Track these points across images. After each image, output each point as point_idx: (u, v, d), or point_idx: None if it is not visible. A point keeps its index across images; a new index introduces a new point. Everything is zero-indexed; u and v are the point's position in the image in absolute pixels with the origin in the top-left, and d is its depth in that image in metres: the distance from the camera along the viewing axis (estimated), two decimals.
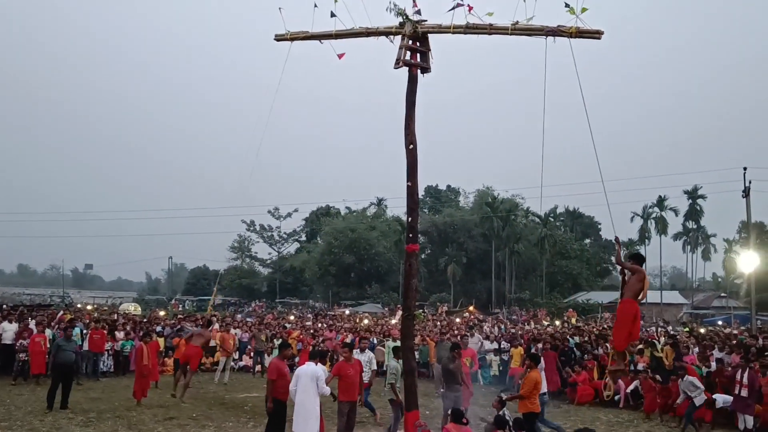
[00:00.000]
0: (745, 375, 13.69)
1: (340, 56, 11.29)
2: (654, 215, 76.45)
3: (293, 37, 11.55)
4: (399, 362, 11.81)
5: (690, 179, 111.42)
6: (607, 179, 9.99)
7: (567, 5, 9.41)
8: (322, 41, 11.27)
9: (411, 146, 10.63)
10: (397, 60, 10.58)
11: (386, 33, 10.93)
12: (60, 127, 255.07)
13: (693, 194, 76.47)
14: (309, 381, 10.19)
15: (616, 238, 10.07)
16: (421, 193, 13.66)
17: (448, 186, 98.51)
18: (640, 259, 9.55)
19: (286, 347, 11.84)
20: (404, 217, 11.27)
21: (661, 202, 75.98)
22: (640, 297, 9.11)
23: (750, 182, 32.70)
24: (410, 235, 10.87)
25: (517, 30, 9.95)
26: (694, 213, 77.86)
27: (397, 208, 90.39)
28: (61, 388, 14.54)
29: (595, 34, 9.59)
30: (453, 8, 10.26)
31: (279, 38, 11.72)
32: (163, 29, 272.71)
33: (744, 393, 13.60)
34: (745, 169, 33.00)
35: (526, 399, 11.20)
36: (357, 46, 11.11)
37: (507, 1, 9.82)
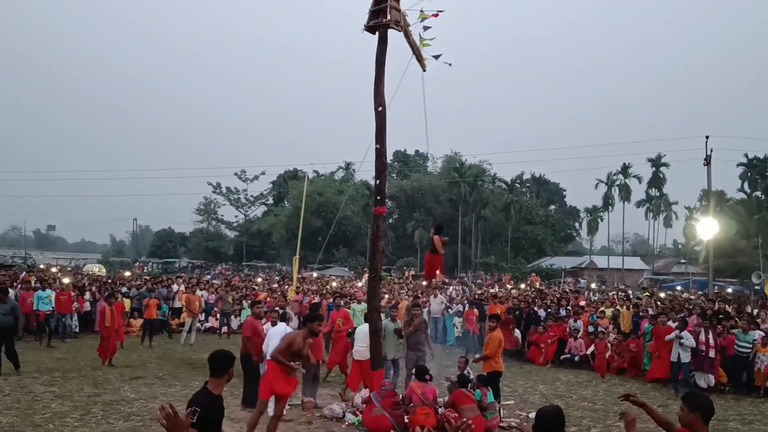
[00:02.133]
0: (710, 336, 14.12)
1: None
2: (618, 182, 77.53)
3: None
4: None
5: (654, 147, 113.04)
6: (573, 146, 10.15)
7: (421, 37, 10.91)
8: None
9: (380, 108, 10.62)
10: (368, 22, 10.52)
11: None
12: (21, 83, 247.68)
13: (656, 162, 77.67)
14: (278, 340, 10.30)
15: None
16: (389, 157, 13.69)
17: (417, 151, 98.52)
18: (438, 229, 12.94)
19: (256, 305, 12.10)
20: (372, 182, 11.35)
21: (625, 170, 77.03)
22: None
23: (711, 151, 33.40)
24: (378, 198, 10.92)
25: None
26: (657, 181, 79.16)
27: (366, 172, 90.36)
28: (3, 352, 13.50)
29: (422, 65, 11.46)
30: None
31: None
32: None
33: (711, 354, 14.06)
34: (707, 137, 33.64)
35: (491, 358, 11.47)
36: (325, 6, 11.02)
37: None
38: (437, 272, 13.49)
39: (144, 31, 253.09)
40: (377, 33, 10.70)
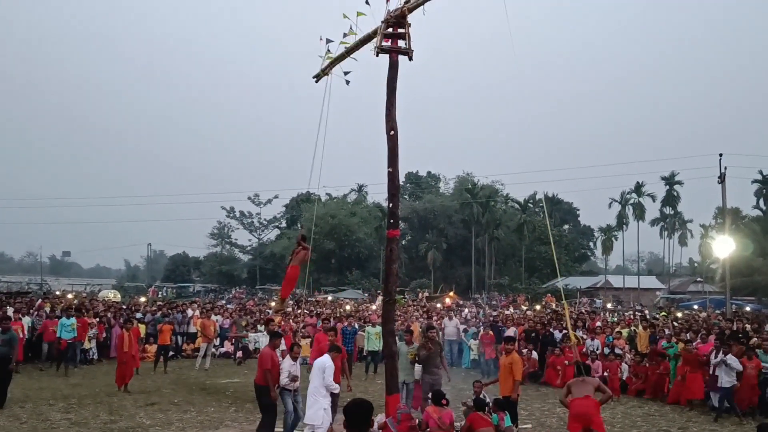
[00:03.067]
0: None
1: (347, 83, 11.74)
2: (632, 201, 77.12)
3: (325, 72, 11.95)
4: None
5: (667, 165, 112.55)
6: (586, 166, 10.19)
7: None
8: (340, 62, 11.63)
9: (392, 132, 10.66)
10: (376, 47, 10.58)
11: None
12: (37, 114, 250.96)
13: (670, 180, 77.25)
14: (317, 371, 10.20)
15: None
16: (401, 179, 13.76)
17: (429, 172, 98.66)
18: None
19: (276, 336, 11.86)
20: (385, 204, 11.36)
21: (638, 188, 76.65)
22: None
23: (725, 168, 33.21)
24: (391, 221, 10.92)
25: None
26: (671, 199, 78.67)
27: (378, 194, 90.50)
28: None
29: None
30: None
31: (317, 77, 12.14)
32: (146, 17, 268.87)
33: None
34: (720, 155, 33.50)
35: (518, 381, 11.44)
36: (335, 28, 11.16)
37: None
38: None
39: (155, 64, 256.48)
40: (389, 58, 10.78)
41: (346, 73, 11.61)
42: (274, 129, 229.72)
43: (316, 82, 12.07)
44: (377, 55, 10.69)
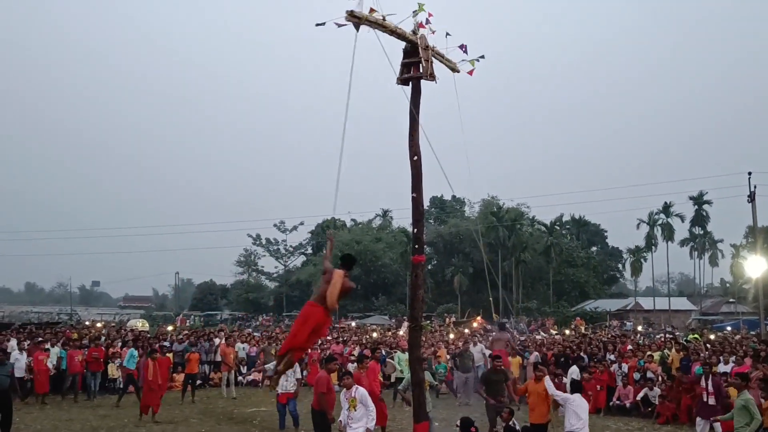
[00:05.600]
0: (709, 382, 13.54)
1: (470, 72, 11.18)
2: (660, 222, 76.16)
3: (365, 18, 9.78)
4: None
5: (695, 185, 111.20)
6: (613, 187, 10.09)
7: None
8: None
9: (415, 158, 10.64)
10: (399, 74, 10.62)
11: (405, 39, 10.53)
12: (64, 143, 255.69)
13: (699, 200, 76.26)
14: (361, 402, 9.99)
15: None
16: (426, 203, 13.65)
17: (453, 196, 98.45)
18: (347, 261, 8.94)
19: (331, 360, 11.93)
20: (410, 228, 11.24)
21: (666, 209, 75.75)
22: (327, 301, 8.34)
23: (755, 187, 32.78)
24: (416, 246, 10.87)
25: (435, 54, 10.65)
26: (700, 219, 77.60)
27: (403, 219, 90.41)
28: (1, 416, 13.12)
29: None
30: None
31: (350, 16, 9.54)
32: (168, 47, 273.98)
33: (711, 401, 13.41)
34: (749, 174, 33.10)
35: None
36: (360, 58, 11.01)
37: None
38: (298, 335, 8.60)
39: (181, 92, 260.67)
40: (410, 84, 10.80)
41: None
42: (300, 154, 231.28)
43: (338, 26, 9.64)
44: (398, 84, 10.72)
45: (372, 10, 9.80)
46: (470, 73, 11.02)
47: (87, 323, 44.85)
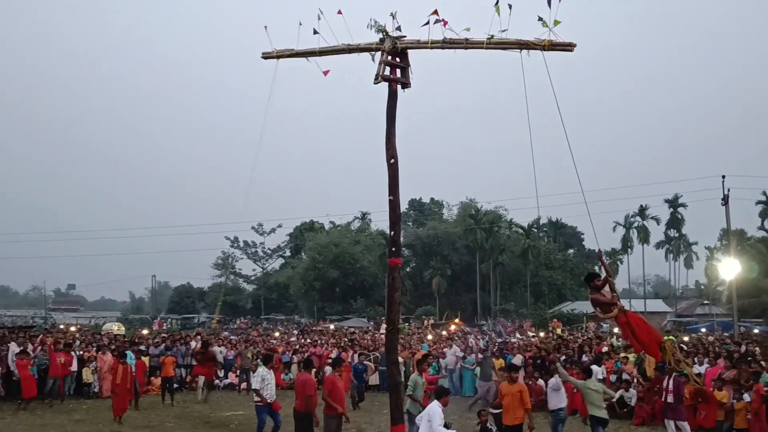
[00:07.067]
0: (671, 381, 13.72)
1: (325, 73, 11.46)
2: (636, 224, 77.06)
3: (279, 55, 11.72)
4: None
5: (671, 188, 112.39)
6: (589, 190, 10.25)
7: (540, 18, 9.65)
8: (309, 59, 11.45)
9: (392, 160, 10.70)
10: (376, 76, 10.70)
11: (367, 49, 11.10)
12: (37, 142, 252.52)
13: (674, 203, 77.15)
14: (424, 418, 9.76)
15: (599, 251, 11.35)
16: (404, 206, 13.73)
17: (432, 199, 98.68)
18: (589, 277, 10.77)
19: (340, 363, 12.18)
20: (388, 231, 11.35)
21: (642, 212, 76.62)
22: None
23: (729, 190, 33.25)
24: (393, 249, 10.93)
25: (492, 44, 10.24)
26: (675, 221, 78.52)
27: (382, 221, 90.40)
28: None
29: (568, 47, 9.91)
30: (426, 23, 10.44)
31: (266, 56, 11.88)
32: (150, 42, 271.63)
33: (670, 399, 13.58)
34: (723, 177, 33.56)
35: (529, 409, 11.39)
36: (339, 61, 11.27)
37: (482, 16, 9.99)
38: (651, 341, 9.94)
39: (156, 90, 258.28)
40: (388, 87, 10.85)
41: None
42: (278, 157, 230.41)
43: (264, 58, 11.95)
44: (376, 83, 10.78)
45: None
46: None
47: (61, 327, 44.27)
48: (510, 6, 9.61)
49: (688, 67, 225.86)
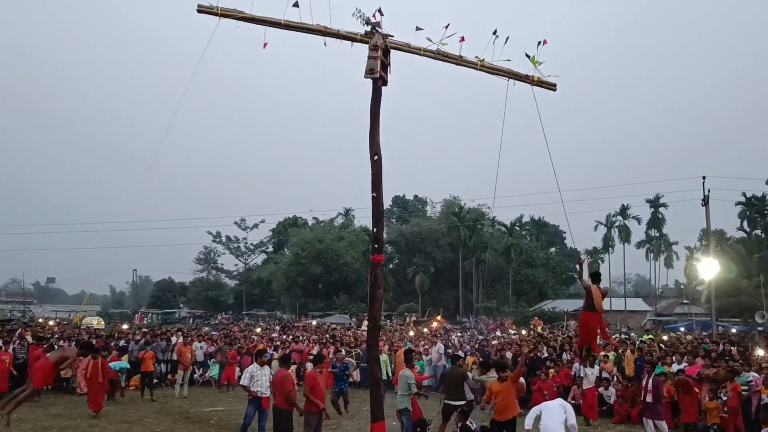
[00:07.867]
0: (650, 381, 13.86)
1: (264, 45, 10.45)
2: (617, 224, 77.75)
3: (223, 13, 10.37)
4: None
5: (652, 188, 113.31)
6: (571, 189, 10.40)
7: (528, 56, 10.47)
8: (266, 26, 10.39)
9: (376, 157, 10.65)
10: (370, 70, 10.55)
11: (349, 38, 10.73)
12: (15, 138, 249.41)
13: (655, 203, 77.88)
14: (558, 408, 10.62)
15: (579, 259, 11.57)
16: (388, 203, 13.75)
17: (416, 196, 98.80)
18: (595, 277, 11.51)
19: (321, 359, 12.26)
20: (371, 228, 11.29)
21: (624, 211, 77.30)
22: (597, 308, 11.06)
23: (709, 191, 33.60)
24: (376, 246, 10.89)
25: (484, 67, 10.66)
26: (656, 221, 79.29)
27: (365, 218, 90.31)
28: None
29: (551, 87, 10.72)
30: (419, 29, 10.56)
31: (202, 10, 10.56)
32: (135, 31, 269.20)
33: (649, 398, 13.74)
34: (704, 178, 33.91)
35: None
36: (320, 51, 11.11)
37: (476, 33, 10.22)
38: (596, 338, 11.86)
39: (144, 81, 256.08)
40: (372, 84, 10.80)
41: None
42: (263, 150, 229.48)
43: (199, 11, 10.50)
44: (367, 77, 10.70)
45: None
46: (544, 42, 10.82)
47: (40, 320, 43.86)
48: (507, 38, 10.23)
49: (671, 70, 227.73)
